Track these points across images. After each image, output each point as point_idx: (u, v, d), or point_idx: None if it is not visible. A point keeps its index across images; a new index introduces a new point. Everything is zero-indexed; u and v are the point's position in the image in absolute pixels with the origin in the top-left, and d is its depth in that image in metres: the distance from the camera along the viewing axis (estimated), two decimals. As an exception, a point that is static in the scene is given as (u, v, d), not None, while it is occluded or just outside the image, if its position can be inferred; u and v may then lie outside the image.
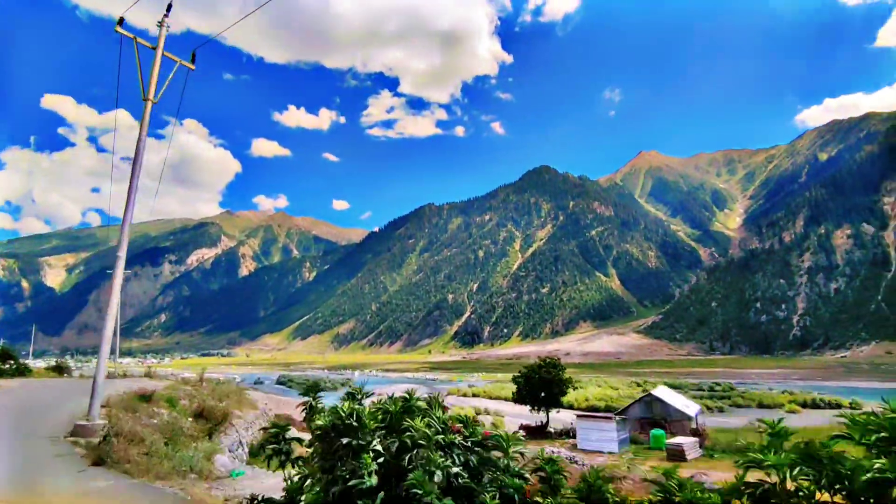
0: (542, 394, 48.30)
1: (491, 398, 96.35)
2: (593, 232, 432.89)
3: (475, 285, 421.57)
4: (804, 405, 76.37)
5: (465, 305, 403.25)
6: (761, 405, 77.62)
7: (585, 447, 36.22)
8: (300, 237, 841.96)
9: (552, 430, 46.33)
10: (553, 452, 28.96)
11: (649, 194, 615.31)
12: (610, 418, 37.36)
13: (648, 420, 41.07)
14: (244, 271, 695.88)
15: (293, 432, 5.75)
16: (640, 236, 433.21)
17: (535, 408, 49.63)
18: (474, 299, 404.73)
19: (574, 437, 41.21)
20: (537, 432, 46.30)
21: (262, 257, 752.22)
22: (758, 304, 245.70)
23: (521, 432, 44.51)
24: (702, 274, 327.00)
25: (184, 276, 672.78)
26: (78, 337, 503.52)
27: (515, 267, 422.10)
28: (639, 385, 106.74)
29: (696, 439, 34.66)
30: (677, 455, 32.00)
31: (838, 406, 76.03)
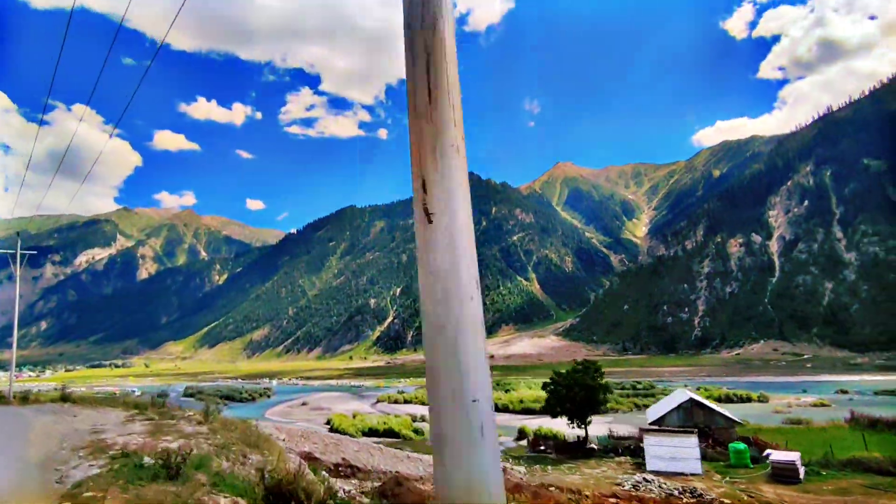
0: (571, 404, 40.33)
1: (424, 404, 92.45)
2: (515, 237, 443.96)
3: (399, 289, 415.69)
4: (719, 400, 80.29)
5: (389, 310, 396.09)
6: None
7: (658, 468, 28.25)
8: (209, 238, 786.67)
9: (595, 447, 38.28)
10: (636, 482, 23.17)
11: (565, 203, 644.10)
12: (692, 432, 30.21)
13: (689, 429, 33.87)
14: (143, 274, 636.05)
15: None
16: (558, 242, 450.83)
17: (574, 421, 41.24)
18: (398, 303, 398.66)
19: (627, 454, 34.29)
20: (574, 450, 38.33)
21: (164, 259, 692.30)
22: (664, 307, 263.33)
23: (553, 453, 38.30)
24: (615, 279, 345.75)
25: (70, 279, 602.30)
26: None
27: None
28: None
29: (797, 453, 27.92)
30: (788, 475, 25.58)
31: (749, 400, 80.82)
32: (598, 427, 55.23)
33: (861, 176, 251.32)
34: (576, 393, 39.44)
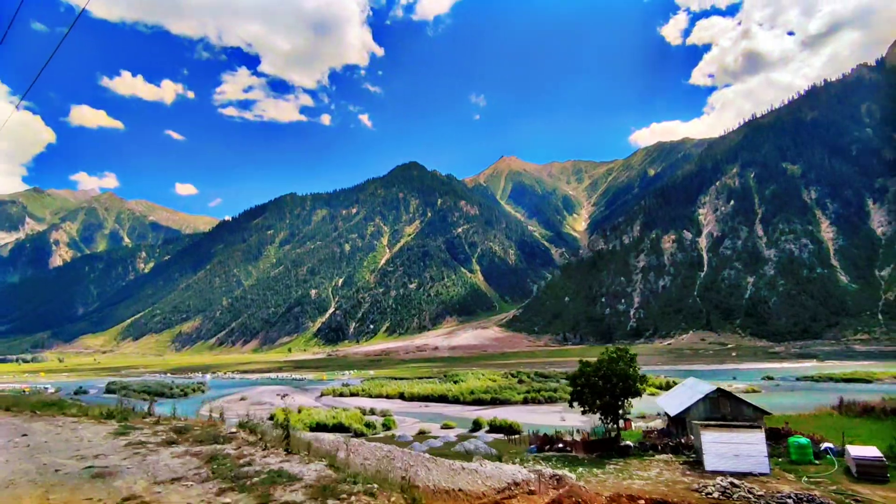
0: (611, 397, 35.06)
1: (372, 396, 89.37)
2: (460, 229, 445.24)
3: (340, 280, 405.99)
4: (660, 388, 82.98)
5: (330, 301, 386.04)
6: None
7: (720, 468, 24.44)
8: (133, 223, 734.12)
9: (630, 444, 32.80)
10: (722, 487, 19.57)
11: (509, 196, 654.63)
12: (756, 426, 26.33)
13: (716, 422, 29.48)
14: (57, 261, 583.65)
15: None
16: (501, 235, 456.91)
17: (606, 416, 35.99)
18: (339, 294, 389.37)
19: (678, 452, 30.22)
20: (606, 447, 32.71)
21: (81, 244, 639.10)
22: (603, 299, 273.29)
23: (578, 452, 33.22)
24: (556, 272, 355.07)
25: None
26: None
27: (383, 262, 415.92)
28: (514, 376, 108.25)
29: (874, 448, 23.96)
30: (876, 473, 22.00)
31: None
32: (574, 418, 54.61)
33: (780, 179, 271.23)
34: (614, 384, 34.73)
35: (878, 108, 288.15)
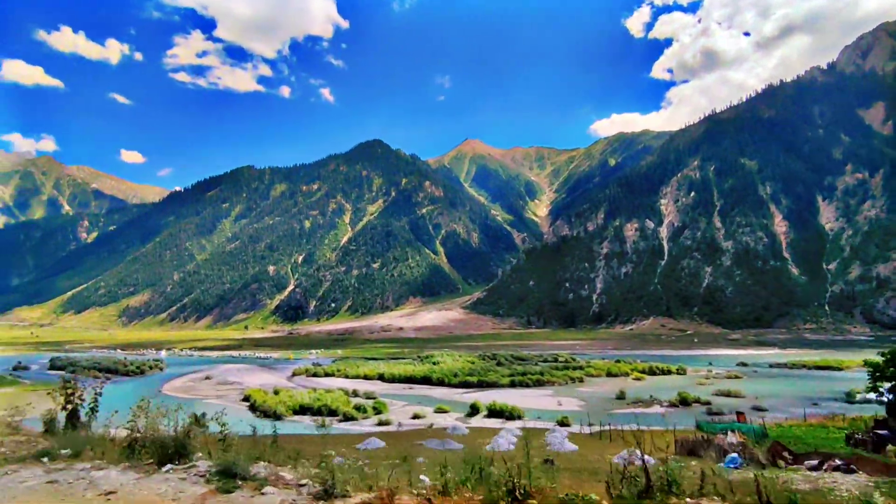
0: None
1: (349, 377, 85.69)
2: (424, 210, 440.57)
3: (300, 257, 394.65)
4: (643, 373, 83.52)
5: (289, 278, 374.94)
6: (610, 374, 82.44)
7: None
8: (74, 190, 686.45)
9: None
10: None
11: (473, 179, 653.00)
12: None
13: None
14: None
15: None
16: (465, 217, 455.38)
17: None
18: (299, 272, 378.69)
19: None
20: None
21: (15, 210, 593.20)
22: (567, 284, 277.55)
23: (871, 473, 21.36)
24: (520, 256, 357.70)
25: None
26: None
27: (345, 240, 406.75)
28: (491, 358, 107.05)
29: None
30: None
31: (669, 372, 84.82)
32: (571, 402, 53.00)
33: (738, 173, 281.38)
34: None
35: (829, 109, 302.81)
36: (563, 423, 42.25)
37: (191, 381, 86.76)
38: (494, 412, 51.14)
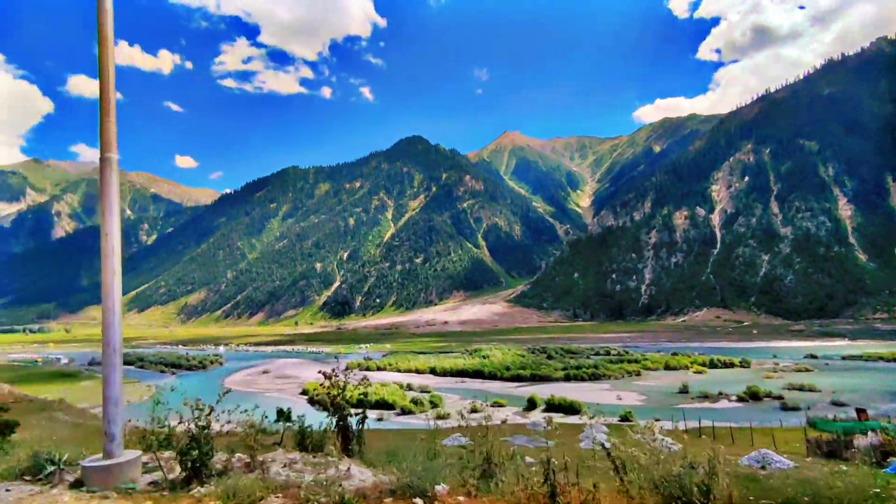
0: None
1: (400, 371, 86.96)
2: (465, 204, 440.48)
3: (345, 254, 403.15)
4: (704, 365, 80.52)
5: (335, 274, 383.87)
6: (668, 367, 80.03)
7: None
8: (135, 195, 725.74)
9: None
10: None
11: (513, 172, 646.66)
12: None
13: None
14: (60, 232, 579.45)
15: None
16: (506, 210, 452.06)
17: None
18: (345, 268, 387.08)
19: None
20: None
21: (83, 216, 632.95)
22: (613, 276, 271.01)
23: None
24: (565, 247, 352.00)
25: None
26: None
27: (388, 236, 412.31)
28: (541, 352, 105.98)
29: None
30: None
31: (732, 365, 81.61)
32: (630, 396, 51.85)
33: (796, 155, 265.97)
34: None
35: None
36: (625, 417, 41.34)
37: (249, 375, 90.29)
38: (553, 406, 50.60)
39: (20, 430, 15.18)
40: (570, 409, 49.27)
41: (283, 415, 19.00)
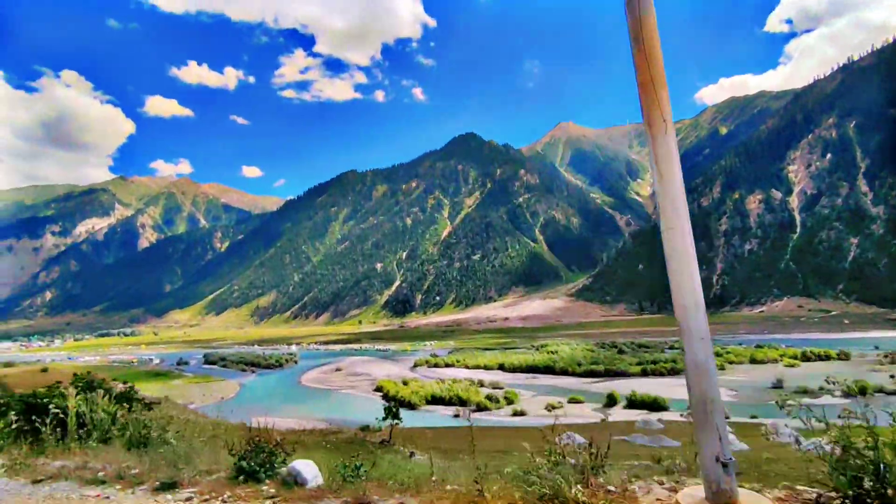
0: None
1: (469, 367, 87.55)
2: (520, 199, 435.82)
3: (404, 253, 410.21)
4: (795, 358, 75.37)
5: (395, 274, 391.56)
6: (754, 360, 75.72)
7: None
8: (208, 205, 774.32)
9: None
10: None
11: (568, 163, 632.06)
12: None
13: None
14: (144, 243, 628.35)
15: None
16: (564, 203, 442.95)
17: None
18: (404, 267, 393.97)
19: None
20: None
21: (164, 227, 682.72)
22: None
23: None
24: (627, 239, 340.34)
25: (71, 249, 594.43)
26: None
27: (445, 234, 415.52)
28: (613, 346, 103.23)
29: None
30: None
31: (828, 357, 75.89)
32: (722, 392, 49.56)
33: (887, 127, 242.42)
34: None
35: None
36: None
37: (323, 373, 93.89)
38: (635, 403, 49.23)
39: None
40: (654, 405, 47.77)
41: (390, 412, 19.55)
